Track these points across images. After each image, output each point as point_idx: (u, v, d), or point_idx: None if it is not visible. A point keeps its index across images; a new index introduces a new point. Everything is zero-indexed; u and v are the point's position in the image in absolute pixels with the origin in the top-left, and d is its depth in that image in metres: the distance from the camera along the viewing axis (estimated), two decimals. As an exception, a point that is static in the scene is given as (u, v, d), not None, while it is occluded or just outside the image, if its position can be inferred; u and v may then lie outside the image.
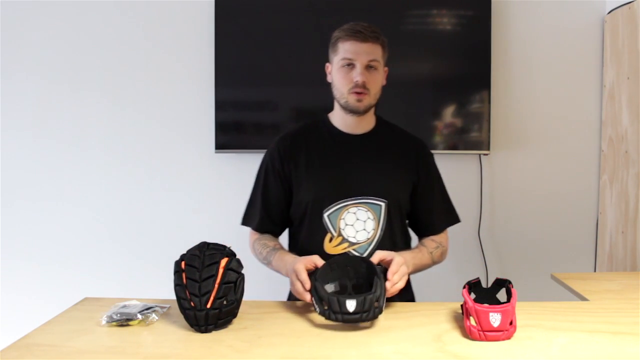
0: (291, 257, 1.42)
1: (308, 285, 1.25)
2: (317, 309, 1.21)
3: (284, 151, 1.54)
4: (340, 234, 1.48)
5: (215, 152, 2.41)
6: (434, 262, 1.54)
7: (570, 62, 2.43)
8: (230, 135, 2.41)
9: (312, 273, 1.29)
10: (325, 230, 1.48)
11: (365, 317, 1.17)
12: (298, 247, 1.54)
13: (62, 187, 2.51)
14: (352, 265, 1.33)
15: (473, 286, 1.26)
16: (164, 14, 2.45)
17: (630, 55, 2.16)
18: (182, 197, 2.50)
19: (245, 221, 1.61)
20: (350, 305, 1.16)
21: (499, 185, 2.46)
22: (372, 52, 1.45)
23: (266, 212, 1.57)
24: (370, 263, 1.30)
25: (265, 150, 1.59)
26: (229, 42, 2.37)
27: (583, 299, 1.43)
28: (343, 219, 1.48)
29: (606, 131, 2.37)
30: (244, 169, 2.45)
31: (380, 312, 1.20)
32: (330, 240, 1.48)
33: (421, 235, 1.61)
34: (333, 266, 1.32)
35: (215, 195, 2.49)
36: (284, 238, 1.63)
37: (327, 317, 1.18)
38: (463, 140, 2.38)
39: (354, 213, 1.48)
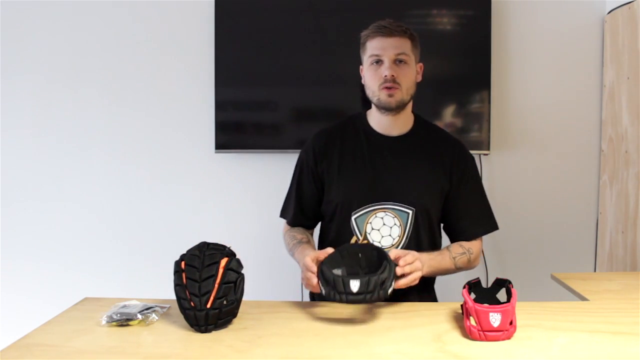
0: (311, 251, 1.42)
1: (309, 266, 1.26)
2: (323, 291, 1.22)
3: (318, 149, 1.54)
4: (365, 238, 1.48)
5: (215, 152, 2.41)
6: (458, 268, 1.49)
7: (570, 62, 2.42)
8: (230, 135, 2.41)
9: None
10: (351, 233, 1.48)
11: (369, 298, 1.16)
12: (326, 245, 1.54)
13: (62, 187, 2.51)
14: (363, 252, 1.33)
15: (473, 286, 1.26)
16: (164, 14, 2.44)
17: (630, 55, 2.16)
18: (182, 197, 2.50)
19: (282, 214, 1.66)
20: (354, 285, 1.16)
21: (499, 185, 2.46)
22: (400, 45, 1.43)
23: (300, 208, 1.60)
24: (382, 250, 1.30)
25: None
26: (229, 42, 2.37)
27: (583, 299, 1.43)
28: (370, 223, 1.47)
29: (606, 131, 2.37)
30: (244, 169, 2.46)
31: (386, 294, 1.19)
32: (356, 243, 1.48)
33: (454, 241, 1.57)
34: (344, 253, 1.32)
35: (215, 195, 2.49)
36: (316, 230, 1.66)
37: (332, 298, 1.19)
38: (463, 140, 2.34)
39: (382, 218, 1.47)
